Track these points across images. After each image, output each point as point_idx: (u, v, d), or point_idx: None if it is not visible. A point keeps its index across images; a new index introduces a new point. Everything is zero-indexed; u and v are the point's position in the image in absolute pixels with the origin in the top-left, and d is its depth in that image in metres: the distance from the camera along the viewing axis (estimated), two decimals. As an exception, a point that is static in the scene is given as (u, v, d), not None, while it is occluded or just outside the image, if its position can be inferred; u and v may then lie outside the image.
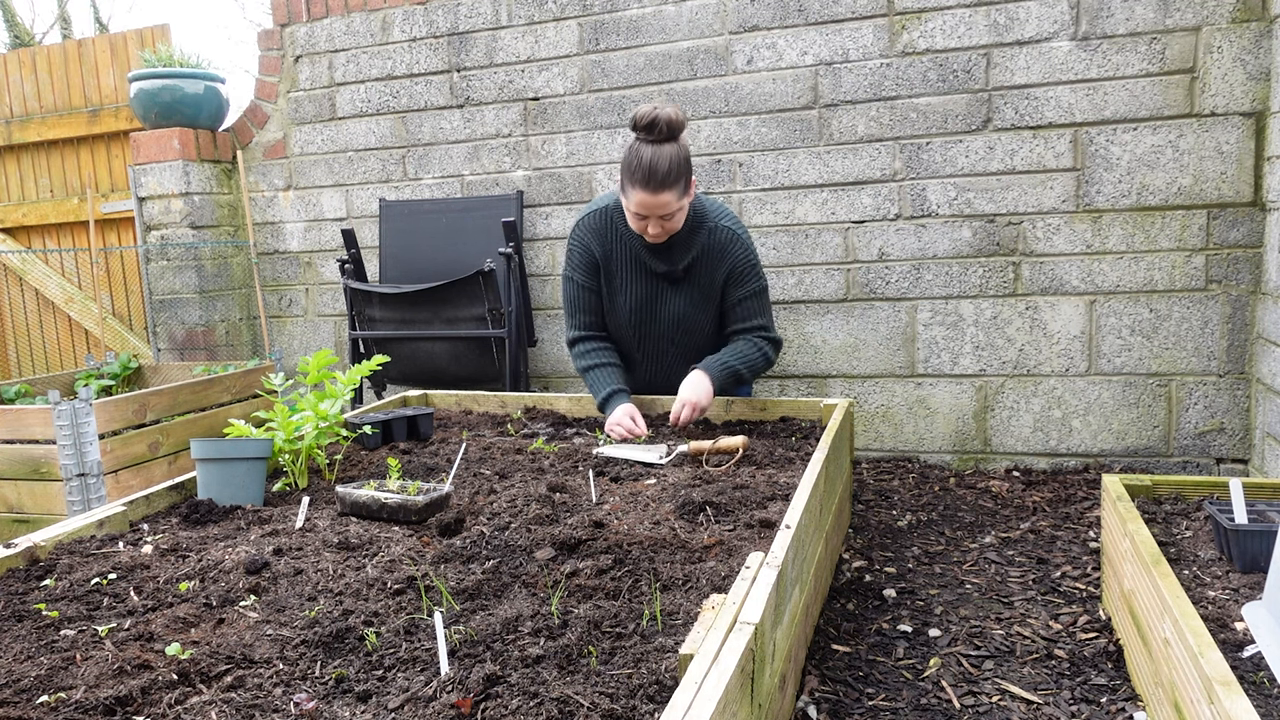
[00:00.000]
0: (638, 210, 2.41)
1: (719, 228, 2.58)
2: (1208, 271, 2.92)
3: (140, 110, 4.09)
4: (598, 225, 2.64)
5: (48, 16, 16.74)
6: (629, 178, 2.38)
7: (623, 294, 2.65)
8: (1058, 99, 3.00)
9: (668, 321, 2.65)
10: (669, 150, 2.34)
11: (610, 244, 2.63)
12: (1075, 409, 3.11)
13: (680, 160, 2.37)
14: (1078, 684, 1.73)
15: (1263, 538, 1.63)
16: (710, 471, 2.13)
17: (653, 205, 2.38)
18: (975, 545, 2.49)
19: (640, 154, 2.35)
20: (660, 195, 2.36)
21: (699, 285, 2.61)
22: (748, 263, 2.60)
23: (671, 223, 2.45)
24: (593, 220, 2.65)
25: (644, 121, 2.35)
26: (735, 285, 2.60)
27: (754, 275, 2.63)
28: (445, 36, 3.78)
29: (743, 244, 2.60)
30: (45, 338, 5.13)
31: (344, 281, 3.61)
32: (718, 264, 2.58)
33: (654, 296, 2.64)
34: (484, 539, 1.72)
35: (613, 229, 2.62)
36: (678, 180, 2.37)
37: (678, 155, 2.36)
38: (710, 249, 2.57)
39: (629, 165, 2.38)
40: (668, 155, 2.34)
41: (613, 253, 2.63)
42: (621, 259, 2.63)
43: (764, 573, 1.41)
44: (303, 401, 2.22)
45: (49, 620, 1.44)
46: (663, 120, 2.34)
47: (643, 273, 2.63)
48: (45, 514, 3.04)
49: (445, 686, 1.19)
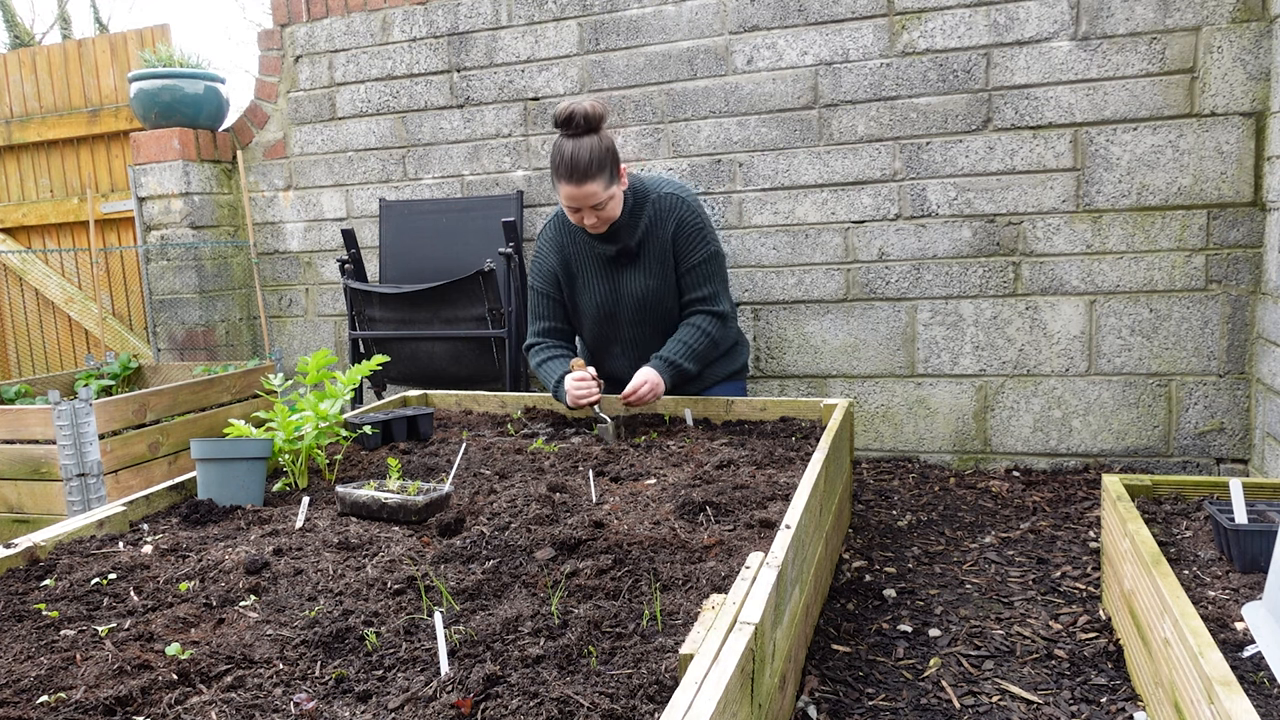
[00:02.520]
0: (568, 203, 2.52)
1: (661, 196, 2.66)
2: (1208, 271, 2.92)
3: (140, 110, 4.09)
4: (553, 233, 2.76)
5: (48, 16, 16.74)
6: (555, 173, 2.49)
7: (587, 291, 2.74)
8: (1058, 99, 3.00)
9: (632, 303, 2.71)
10: (588, 142, 2.45)
11: (567, 247, 2.74)
12: (1075, 409, 3.11)
13: (601, 150, 2.45)
14: (1078, 684, 1.73)
15: (1263, 538, 1.63)
16: (710, 472, 2.13)
17: (579, 197, 2.48)
18: (975, 545, 2.49)
19: (562, 149, 2.46)
20: (584, 186, 2.45)
21: (654, 257, 2.66)
22: (694, 225, 2.65)
23: (605, 211, 2.54)
24: (548, 230, 2.78)
25: (562, 117, 2.46)
26: (684, 251, 2.66)
27: (700, 239, 2.66)
28: (445, 36, 3.78)
29: (688, 206, 2.66)
30: (45, 338, 5.13)
31: (344, 281, 3.61)
32: (665, 230, 2.64)
33: (615, 284, 2.71)
34: (484, 539, 1.72)
35: (567, 232, 2.73)
36: (600, 170, 2.45)
37: (598, 146, 2.45)
38: (655, 218, 2.64)
39: (553, 160, 2.49)
40: (587, 147, 2.44)
41: (570, 255, 2.74)
42: (579, 258, 2.73)
43: (764, 573, 1.41)
44: (303, 401, 2.22)
45: (49, 620, 1.44)
46: (579, 114, 2.44)
47: (600, 263, 2.71)
48: (45, 514, 3.04)
49: (445, 686, 1.19)
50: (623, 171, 2.56)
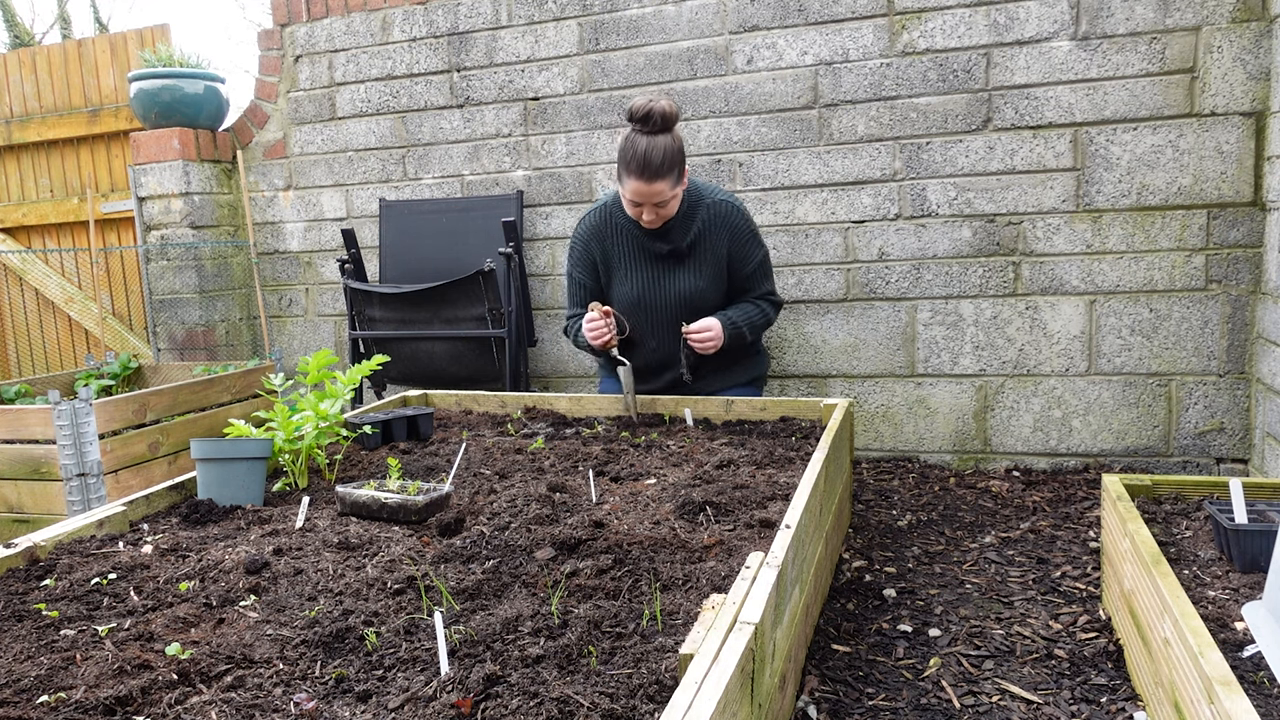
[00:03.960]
0: (633, 198, 2.56)
1: (716, 202, 2.72)
2: (1208, 271, 2.92)
3: (140, 110, 4.09)
4: (596, 222, 2.79)
5: (48, 16, 16.74)
6: (624, 167, 2.52)
7: (627, 282, 2.77)
8: (1058, 99, 3.00)
9: (676, 299, 2.75)
10: (663, 141, 2.48)
11: (609, 238, 2.77)
12: (1075, 409, 3.11)
13: (674, 151, 2.51)
14: (1078, 684, 1.73)
15: (1263, 538, 1.63)
16: (710, 471, 2.13)
17: (647, 193, 2.52)
18: (975, 545, 2.49)
19: (635, 144, 2.48)
20: (654, 184, 2.50)
21: (706, 260, 2.72)
22: (748, 230, 2.75)
23: (665, 209, 2.60)
24: (592, 218, 2.81)
25: (640, 113, 2.49)
26: (740, 259, 2.74)
27: (756, 243, 2.77)
28: (445, 36, 3.78)
29: (740, 214, 2.74)
30: (45, 338, 5.13)
31: (344, 281, 3.61)
32: (720, 236, 2.71)
33: (658, 277, 2.76)
34: (484, 539, 1.73)
35: (611, 224, 2.76)
36: (671, 170, 2.51)
37: (671, 146, 2.50)
38: (711, 222, 2.70)
39: (624, 155, 2.51)
40: (662, 146, 2.48)
41: (612, 246, 2.78)
42: (622, 249, 2.76)
43: (764, 573, 1.41)
44: (303, 401, 2.22)
45: (49, 620, 1.44)
46: (657, 112, 2.48)
47: (645, 256, 2.75)
48: (45, 514, 3.04)
49: (445, 686, 1.19)
50: (685, 174, 2.62)
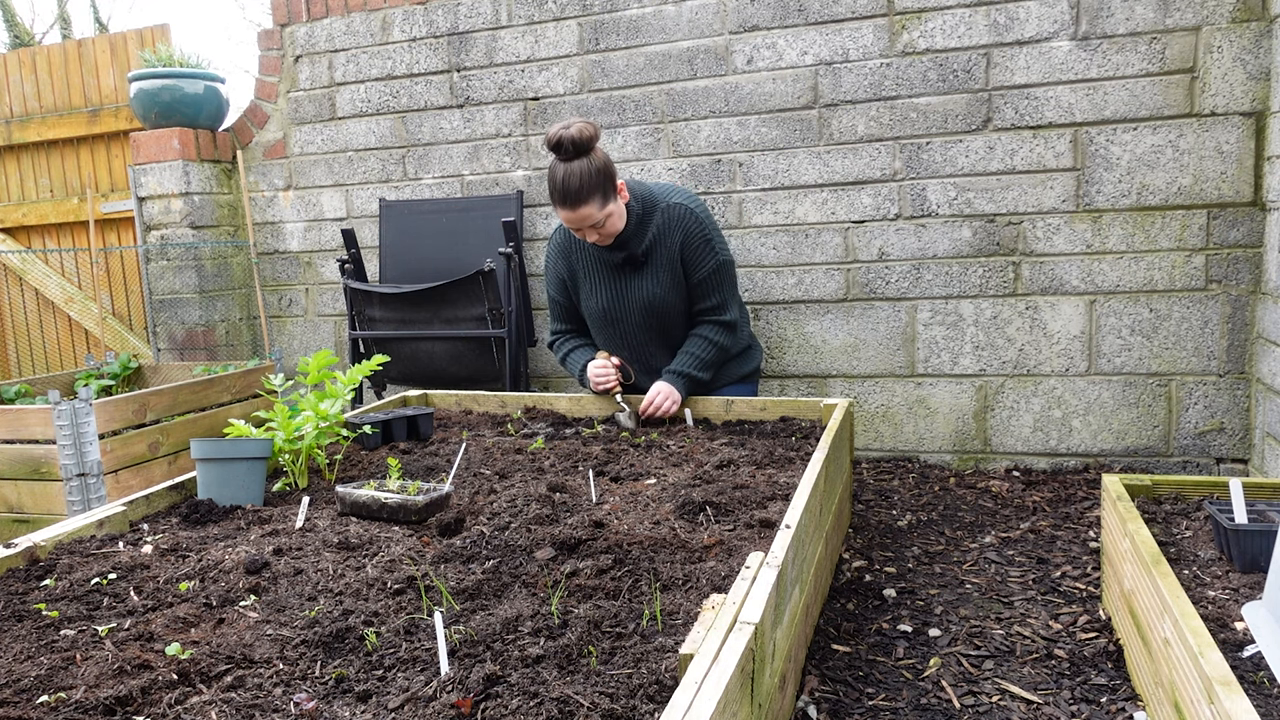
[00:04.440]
0: (567, 224, 2.59)
1: (670, 205, 2.69)
2: (1208, 271, 2.92)
3: (140, 110, 4.09)
4: (561, 241, 2.84)
5: (48, 16, 16.74)
6: (550, 197, 2.55)
7: (593, 296, 2.79)
8: (1058, 99, 3.00)
9: (639, 308, 2.76)
10: (579, 166, 2.49)
11: (574, 254, 2.80)
12: (1075, 409, 3.11)
13: (592, 173, 2.49)
14: (1078, 684, 1.73)
15: (1263, 538, 1.63)
16: (710, 471, 2.13)
17: (575, 219, 2.55)
18: (975, 545, 2.49)
19: (554, 173, 2.51)
20: (578, 210, 2.52)
21: (663, 265, 2.70)
22: (701, 236, 2.68)
23: (606, 228, 2.60)
24: (557, 236, 2.86)
25: (551, 142, 2.50)
26: (692, 263, 2.70)
27: (707, 250, 2.70)
28: (445, 36, 3.78)
29: (694, 216, 2.69)
30: (45, 338, 5.13)
31: (344, 281, 3.61)
32: (674, 238, 2.68)
33: (622, 288, 2.76)
34: (484, 539, 1.72)
35: (573, 241, 2.79)
36: (592, 192, 2.50)
37: (588, 169, 2.49)
38: (664, 226, 2.68)
39: (548, 186, 2.54)
40: (579, 171, 2.48)
41: (577, 261, 2.80)
42: (586, 264, 2.79)
43: (764, 573, 1.41)
44: (303, 401, 2.22)
45: (49, 620, 1.44)
46: (567, 140, 2.47)
47: (607, 269, 2.76)
48: (45, 514, 3.04)
49: (445, 686, 1.19)
50: (621, 187, 2.60)
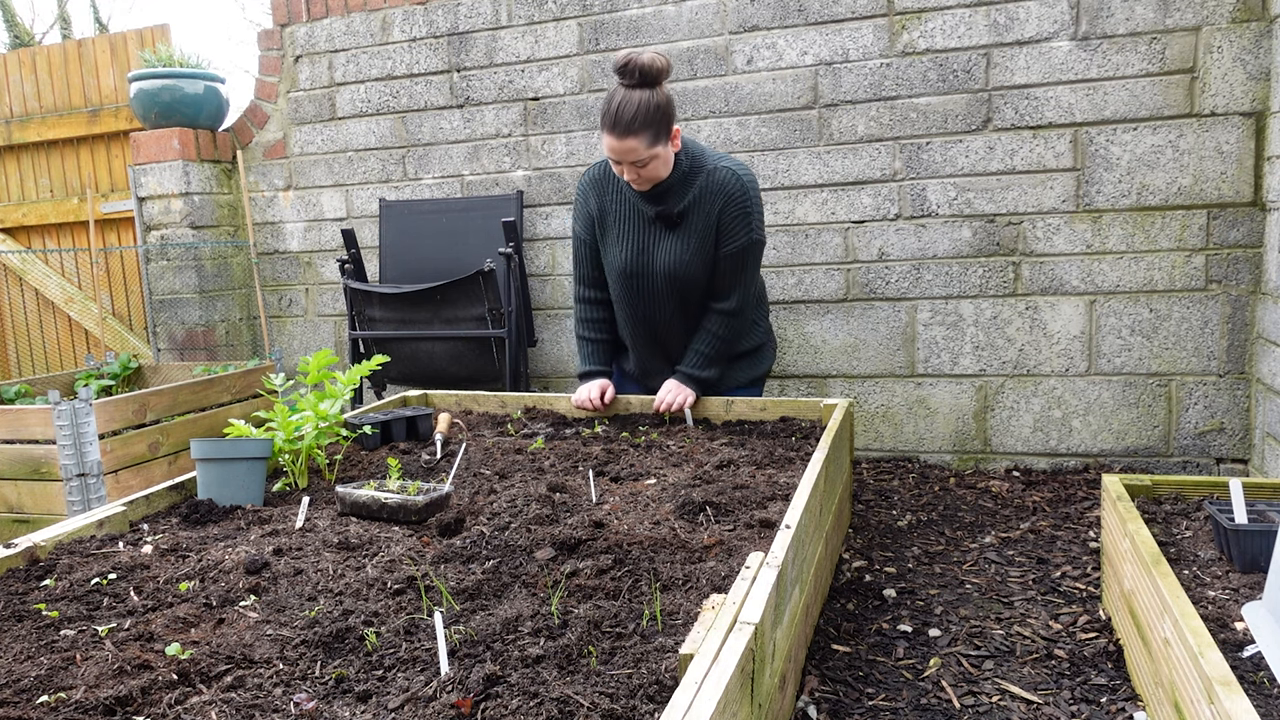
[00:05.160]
0: (608, 154, 2.42)
1: (718, 168, 2.51)
2: (1208, 271, 2.92)
3: (140, 110, 4.09)
4: (597, 175, 2.65)
5: (48, 16, 16.73)
6: (601, 121, 2.39)
7: (618, 245, 2.62)
8: (1058, 99, 3.00)
9: (662, 271, 2.58)
10: (639, 96, 2.33)
11: (608, 193, 2.62)
12: (1075, 409, 3.11)
13: (650, 106, 2.33)
14: (1078, 684, 1.73)
15: (1263, 538, 1.63)
16: (710, 472, 2.13)
17: (619, 150, 2.37)
18: (975, 545, 2.49)
19: (612, 97, 2.36)
20: (625, 140, 2.34)
21: (694, 230, 2.53)
22: (743, 206, 2.50)
23: (648, 170, 2.43)
24: (594, 171, 2.67)
25: (619, 65, 2.35)
26: (725, 232, 2.52)
27: (744, 222, 2.52)
28: (445, 36, 3.78)
29: (741, 184, 2.51)
30: (45, 338, 5.13)
31: (344, 281, 3.61)
32: (714, 204, 2.50)
33: (647, 245, 2.59)
34: (484, 539, 1.72)
35: (611, 179, 2.61)
36: (645, 127, 2.33)
37: (649, 101, 2.33)
38: (707, 189, 2.50)
39: (602, 108, 2.38)
40: (636, 100, 2.32)
41: (609, 202, 2.62)
42: (618, 208, 2.61)
43: (764, 573, 1.41)
44: (303, 401, 2.22)
45: (49, 620, 1.44)
46: (635, 65, 2.33)
47: (637, 219, 2.58)
48: (45, 514, 3.04)
49: (445, 686, 1.19)
50: (676, 133, 2.44)
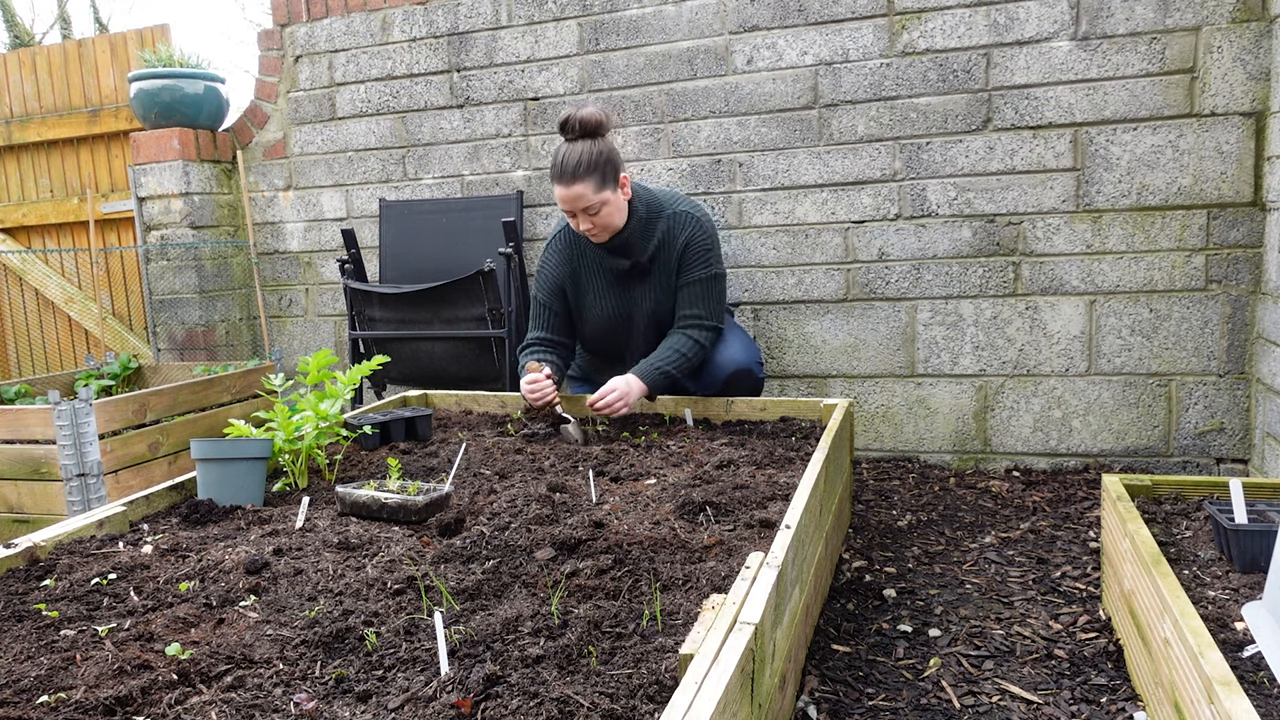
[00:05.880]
0: (560, 204, 2.57)
1: (677, 213, 2.70)
2: (1208, 271, 2.92)
3: (140, 110, 4.09)
4: (563, 244, 2.78)
5: (48, 16, 16.73)
6: (550, 176, 2.56)
7: (596, 304, 2.77)
8: (1058, 99, 3.00)
9: (641, 317, 2.75)
10: (582, 146, 2.52)
11: (576, 259, 2.77)
12: (1075, 409, 3.11)
13: (593, 155, 2.51)
14: (1078, 684, 1.73)
15: (1263, 538, 1.63)
16: (710, 472, 2.13)
17: (568, 198, 2.53)
18: (975, 545, 2.49)
19: (557, 152, 2.54)
20: (572, 187, 2.51)
21: (661, 274, 2.71)
22: (703, 244, 2.68)
23: (600, 217, 2.57)
24: (558, 240, 2.80)
25: (560, 121, 2.55)
26: (687, 266, 2.69)
27: (703, 260, 2.69)
28: (445, 36, 3.78)
29: (700, 225, 2.69)
30: (45, 338, 5.13)
31: (344, 281, 3.61)
32: (678, 243, 2.68)
33: (624, 298, 2.75)
34: (484, 539, 1.72)
35: (577, 244, 2.76)
36: (590, 173, 2.50)
37: (591, 150, 2.51)
38: (668, 234, 2.69)
39: (550, 166, 2.55)
40: (579, 150, 2.51)
41: (580, 268, 2.76)
42: (589, 271, 2.76)
43: (764, 573, 1.41)
44: (303, 401, 2.22)
45: (49, 620, 1.44)
46: (574, 120, 2.52)
47: (611, 277, 2.74)
48: (45, 514, 3.04)
49: (445, 686, 1.19)
50: (624, 180, 2.59)
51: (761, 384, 2.80)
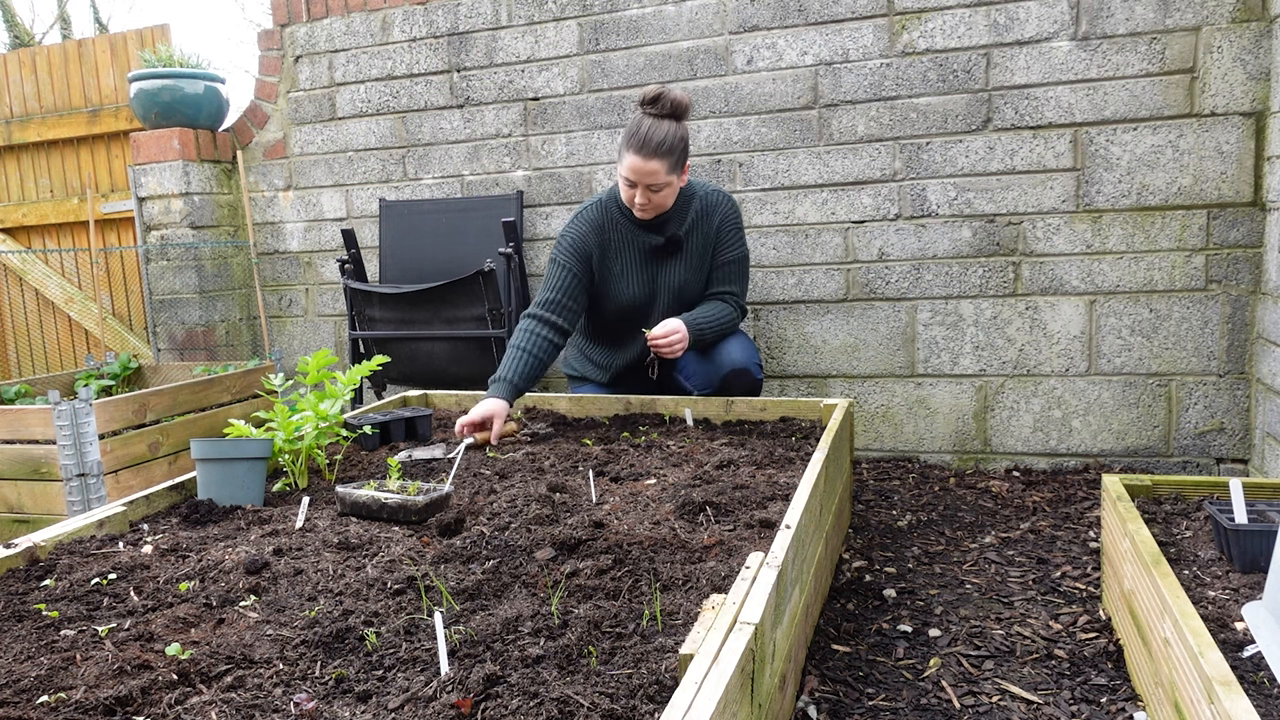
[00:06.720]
0: (628, 175, 2.55)
1: (709, 193, 2.78)
2: (1208, 271, 2.92)
3: (140, 110, 4.09)
4: (595, 216, 2.76)
5: (48, 16, 16.73)
6: (625, 143, 2.54)
7: (623, 280, 2.76)
8: (1058, 99, 3.00)
9: (667, 294, 2.77)
10: (667, 125, 2.52)
11: (607, 233, 2.75)
12: (1075, 409, 3.11)
13: (675, 137, 2.53)
14: (1078, 684, 1.73)
15: (1263, 538, 1.63)
16: (710, 472, 2.13)
17: (641, 171, 2.52)
18: (975, 545, 2.49)
19: (640, 123, 2.52)
20: (649, 162, 2.50)
21: (695, 250, 2.76)
22: (735, 223, 2.79)
23: (658, 196, 2.59)
24: (590, 212, 2.78)
25: (650, 95, 2.54)
26: (723, 245, 2.77)
27: (739, 237, 2.80)
28: (445, 36, 3.78)
29: (732, 204, 2.79)
30: (45, 338, 5.13)
31: (344, 281, 3.61)
32: (710, 222, 2.75)
33: (653, 274, 2.77)
34: (484, 539, 1.72)
35: (609, 218, 2.75)
36: (669, 153, 2.52)
37: (675, 132, 2.53)
38: (703, 211, 2.75)
39: (627, 132, 2.54)
40: (664, 129, 2.51)
41: (610, 241, 2.75)
42: (619, 245, 2.75)
43: (764, 573, 1.41)
44: (303, 402, 2.22)
45: (49, 620, 1.44)
46: (668, 98, 2.53)
47: (640, 253, 2.74)
48: (45, 514, 3.04)
49: (445, 686, 1.19)
50: (686, 168, 2.63)
51: (760, 385, 2.79)
